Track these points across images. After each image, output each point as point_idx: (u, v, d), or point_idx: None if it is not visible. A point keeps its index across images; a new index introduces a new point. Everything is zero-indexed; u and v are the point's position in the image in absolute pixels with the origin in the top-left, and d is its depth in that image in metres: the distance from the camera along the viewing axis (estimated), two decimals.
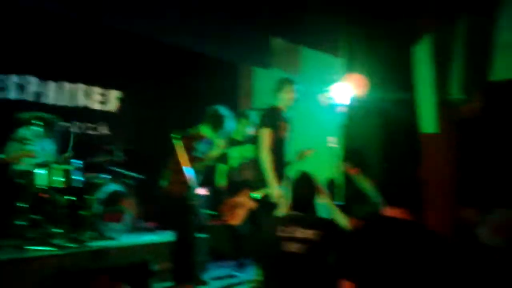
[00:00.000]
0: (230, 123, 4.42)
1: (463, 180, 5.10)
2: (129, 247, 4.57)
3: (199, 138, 4.31)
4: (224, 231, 5.08)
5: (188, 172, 3.89)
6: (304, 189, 2.68)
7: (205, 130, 4.41)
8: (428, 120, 4.96)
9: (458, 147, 5.18)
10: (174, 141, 3.93)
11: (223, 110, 4.47)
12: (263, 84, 6.83)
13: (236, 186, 4.68)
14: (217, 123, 4.34)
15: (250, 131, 4.87)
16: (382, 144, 4.52)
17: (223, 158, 4.85)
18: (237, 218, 4.44)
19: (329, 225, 2.54)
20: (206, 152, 4.27)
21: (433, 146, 4.89)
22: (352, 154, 4.17)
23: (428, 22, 5.11)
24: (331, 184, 4.84)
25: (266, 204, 3.89)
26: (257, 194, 4.50)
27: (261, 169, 4.02)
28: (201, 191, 5.16)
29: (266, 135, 4.08)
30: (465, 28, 4.99)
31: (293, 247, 2.39)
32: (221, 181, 4.91)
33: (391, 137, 4.47)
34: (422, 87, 5.06)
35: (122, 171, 5.10)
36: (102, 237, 4.66)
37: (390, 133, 4.45)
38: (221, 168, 4.92)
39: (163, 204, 4.33)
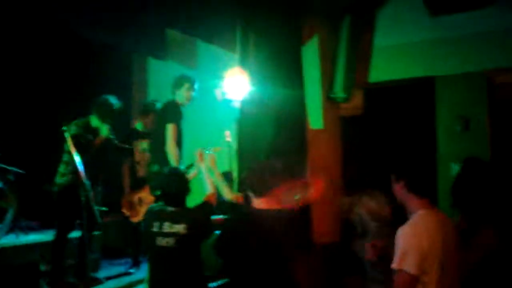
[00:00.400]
0: (119, 113, 4.28)
1: (346, 171, 5.54)
2: (16, 247, 4.21)
3: (88, 128, 4.15)
4: (121, 227, 4.92)
5: (79, 165, 3.70)
6: (175, 184, 2.75)
7: (93, 121, 4.26)
8: (314, 116, 5.30)
9: (342, 142, 5.62)
10: (64, 133, 3.72)
11: (112, 100, 4.33)
12: (158, 76, 6.75)
13: (138, 181, 4.57)
14: (105, 113, 4.19)
15: (153, 124, 4.72)
16: (272, 138, 4.72)
17: (126, 152, 4.62)
18: (138, 214, 4.38)
19: (198, 218, 2.69)
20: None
21: (318, 141, 5.24)
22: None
23: (316, 21, 5.45)
24: (228, 177, 4.94)
25: None
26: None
27: (169, 163, 4.01)
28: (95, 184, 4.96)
29: (172, 130, 4.11)
30: (347, 30, 5.42)
31: (165, 241, 2.54)
32: (124, 176, 4.67)
33: (280, 131, 4.68)
34: (310, 85, 5.38)
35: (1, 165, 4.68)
36: None
37: (279, 128, 4.66)
38: (125, 162, 4.67)
39: (56, 200, 4.08)
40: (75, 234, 4.21)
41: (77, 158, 3.53)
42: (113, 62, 6.18)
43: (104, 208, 5.16)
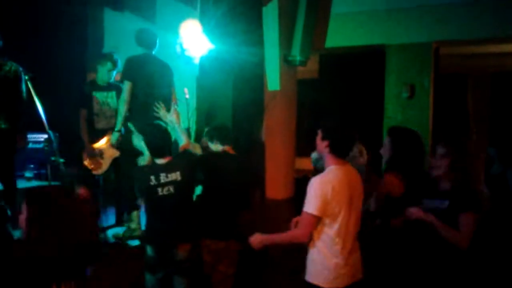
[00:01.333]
0: None
1: (301, 132, 5.79)
2: None
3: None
4: (82, 180, 4.81)
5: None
6: (161, 139, 2.92)
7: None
8: (272, 78, 5.46)
9: (297, 103, 5.84)
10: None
11: None
12: (114, 28, 6.60)
13: (97, 133, 4.38)
14: None
15: (114, 76, 4.60)
16: (231, 96, 4.84)
17: (85, 103, 4.47)
18: (100, 167, 4.36)
19: (187, 164, 2.93)
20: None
21: (275, 101, 5.42)
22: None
23: None
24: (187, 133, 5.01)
25: (127, 152, 3.87)
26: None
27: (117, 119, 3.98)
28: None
29: (128, 88, 4.03)
30: None
31: (165, 190, 2.79)
32: (82, 128, 4.50)
33: (239, 90, 4.81)
34: (268, 47, 5.51)
35: None
36: None
37: (238, 87, 4.78)
38: (83, 114, 4.50)
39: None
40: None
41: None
42: (68, 13, 5.97)
43: (61, 160, 5.11)
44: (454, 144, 2.66)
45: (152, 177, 2.81)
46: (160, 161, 2.90)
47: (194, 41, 5.00)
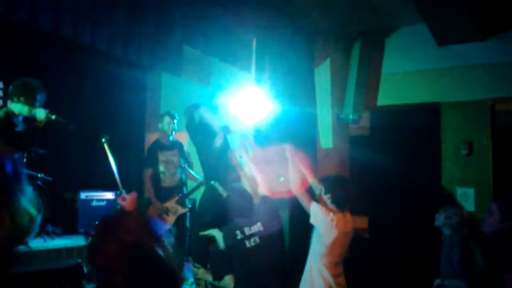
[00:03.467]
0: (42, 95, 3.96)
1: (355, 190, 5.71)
2: (45, 251, 4.30)
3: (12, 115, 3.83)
4: None
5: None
6: (244, 201, 3.17)
7: (16, 107, 3.86)
8: (325, 136, 5.52)
9: (349, 160, 5.82)
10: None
11: (32, 81, 4.01)
12: (171, 93, 6.94)
13: (164, 191, 4.65)
14: (27, 94, 3.82)
15: (175, 135, 4.84)
16: None
17: (150, 163, 4.69)
18: (167, 223, 4.49)
19: (266, 214, 3.13)
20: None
21: (328, 159, 5.44)
22: None
23: (328, 45, 5.70)
24: None
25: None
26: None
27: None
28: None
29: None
30: (358, 54, 5.68)
31: (252, 241, 3.03)
32: (146, 185, 4.71)
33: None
34: (321, 106, 5.62)
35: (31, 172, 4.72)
36: None
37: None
38: (148, 173, 4.67)
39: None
40: None
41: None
42: (130, 78, 6.37)
43: None
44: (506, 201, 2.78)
45: (237, 232, 3.03)
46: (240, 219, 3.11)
47: (248, 103, 5.16)
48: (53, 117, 3.95)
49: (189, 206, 4.76)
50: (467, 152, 5.28)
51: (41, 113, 3.89)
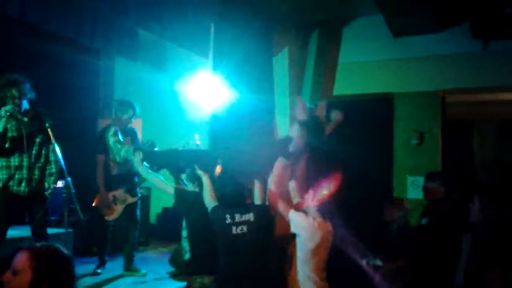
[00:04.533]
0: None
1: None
2: None
3: None
4: (92, 226, 4.78)
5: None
6: (234, 189, 3.15)
7: None
8: (282, 124, 5.53)
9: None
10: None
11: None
12: (125, 77, 6.75)
13: (113, 179, 4.50)
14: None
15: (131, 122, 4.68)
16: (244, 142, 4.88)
17: (102, 149, 4.50)
18: (112, 213, 4.38)
19: (262, 209, 3.16)
20: None
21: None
22: None
23: (286, 33, 5.70)
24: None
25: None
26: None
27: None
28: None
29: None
30: (316, 44, 5.72)
31: (239, 229, 2.99)
32: (98, 173, 4.50)
33: (252, 136, 4.85)
34: (278, 94, 5.62)
35: None
36: None
37: (251, 133, 4.83)
38: (100, 159, 4.50)
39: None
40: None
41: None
42: (82, 61, 6.12)
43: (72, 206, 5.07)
44: None
45: (228, 216, 3.02)
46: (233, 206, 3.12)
47: (204, 89, 5.09)
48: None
49: (139, 195, 4.63)
50: (418, 142, 5.45)
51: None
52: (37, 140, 3.70)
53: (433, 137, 5.49)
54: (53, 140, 3.50)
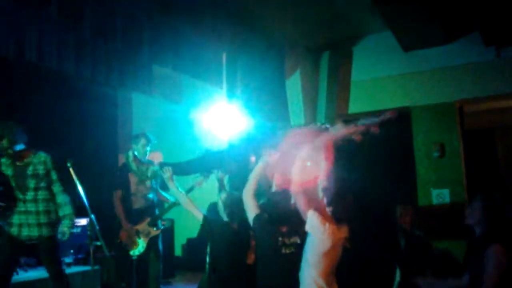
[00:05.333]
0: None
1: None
2: (18, 284, 4.13)
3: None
4: (117, 261, 4.81)
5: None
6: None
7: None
8: None
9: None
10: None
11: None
12: (143, 111, 6.88)
13: (135, 213, 4.54)
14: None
15: (148, 155, 4.77)
16: None
17: (120, 184, 4.59)
18: (135, 246, 4.41)
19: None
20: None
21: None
22: None
23: (298, 56, 5.75)
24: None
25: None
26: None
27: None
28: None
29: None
30: (327, 64, 5.75)
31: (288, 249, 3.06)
32: (117, 207, 4.55)
33: None
34: (294, 116, 5.64)
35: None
36: None
37: None
38: (117, 194, 4.55)
39: None
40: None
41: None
42: (99, 97, 6.27)
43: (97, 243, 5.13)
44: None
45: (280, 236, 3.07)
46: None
47: (220, 119, 5.13)
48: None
49: (162, 227, 4.67)
50: (439, 154, 5.38)
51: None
52: (41, 184, 3.71)
53: (454, 148, 5.41)
54: (75, 179, 3.56)
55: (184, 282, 5.49)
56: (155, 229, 4.50)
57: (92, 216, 3.47)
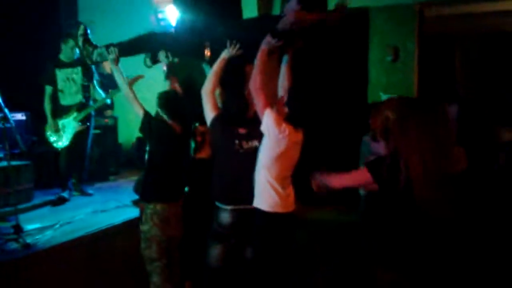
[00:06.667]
0: None
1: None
2: None
3: None
4: (52, 156, 4.89)
5: None
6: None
7: None
8: None
9: None
10: None
11: None
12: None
13: (61, 108, 4.60)
14: None
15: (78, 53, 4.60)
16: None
17: (50, 79, 4.58)
18: (62, 140, 4.50)
19: None
20: None
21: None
22: None
23: None
24: None
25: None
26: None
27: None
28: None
29: None
30: None
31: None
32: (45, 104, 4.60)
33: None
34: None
35: None
36: None
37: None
38: (47, 90, 4.59)
39: None
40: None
41: None
42: None
43: (34, 138, 5.03)
44: None
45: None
46: None
47: (171, 9, 4.81)
48: None
49: (89, 124, 4.69)
50: (393, 58, 5.26)
51: None
52: None
53: (409, 53, 5.29)
54: None
55: (128, 179, 5.49)
56: (80, 124, 4.55)
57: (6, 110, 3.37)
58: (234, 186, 2.97)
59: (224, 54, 3.17)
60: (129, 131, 6.09)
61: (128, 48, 3.72)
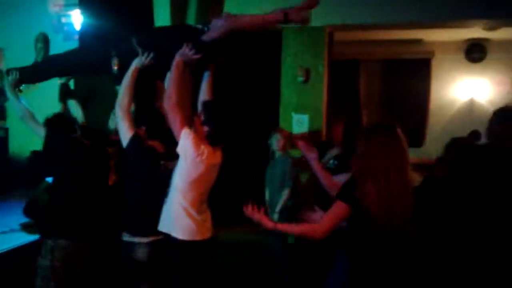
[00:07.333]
0: None
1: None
2: None
3: None
4: None
5: None
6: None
7: None
8: None
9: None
10: None
11: None
12: None
13: None
14: None
15: None
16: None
17: None
18: None
19: None
20: None
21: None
22: None
23: None
24: None
25: None
26: None
27: None
28: None
29: None
30: None
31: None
32: None
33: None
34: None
35: None
36: None
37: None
38: None
39: None
40: None
41: None
42: None
43: None
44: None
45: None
46: None
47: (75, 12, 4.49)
48: None
49: None
50: (304, 79, 5.37)
51: None
52: None
53: (319, 74, 5.43)
54: None
55: (18, 199, 4.93)
56: None
57: None
58: (153, 214, 2.68)
59: (136, 64, 2.92)
60: (22, 143, 5.51)
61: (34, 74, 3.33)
